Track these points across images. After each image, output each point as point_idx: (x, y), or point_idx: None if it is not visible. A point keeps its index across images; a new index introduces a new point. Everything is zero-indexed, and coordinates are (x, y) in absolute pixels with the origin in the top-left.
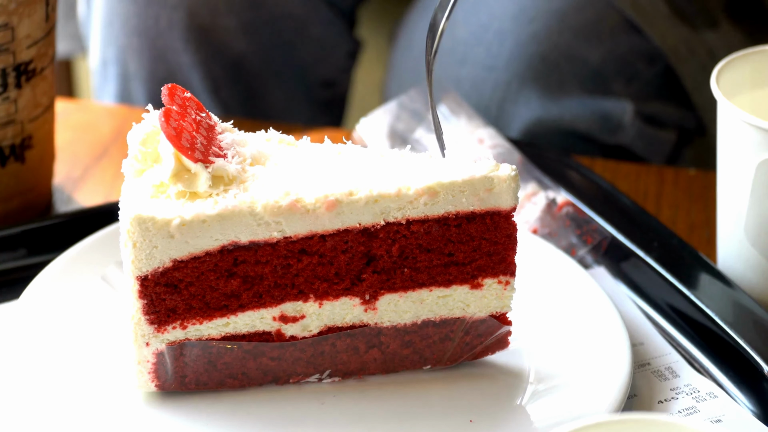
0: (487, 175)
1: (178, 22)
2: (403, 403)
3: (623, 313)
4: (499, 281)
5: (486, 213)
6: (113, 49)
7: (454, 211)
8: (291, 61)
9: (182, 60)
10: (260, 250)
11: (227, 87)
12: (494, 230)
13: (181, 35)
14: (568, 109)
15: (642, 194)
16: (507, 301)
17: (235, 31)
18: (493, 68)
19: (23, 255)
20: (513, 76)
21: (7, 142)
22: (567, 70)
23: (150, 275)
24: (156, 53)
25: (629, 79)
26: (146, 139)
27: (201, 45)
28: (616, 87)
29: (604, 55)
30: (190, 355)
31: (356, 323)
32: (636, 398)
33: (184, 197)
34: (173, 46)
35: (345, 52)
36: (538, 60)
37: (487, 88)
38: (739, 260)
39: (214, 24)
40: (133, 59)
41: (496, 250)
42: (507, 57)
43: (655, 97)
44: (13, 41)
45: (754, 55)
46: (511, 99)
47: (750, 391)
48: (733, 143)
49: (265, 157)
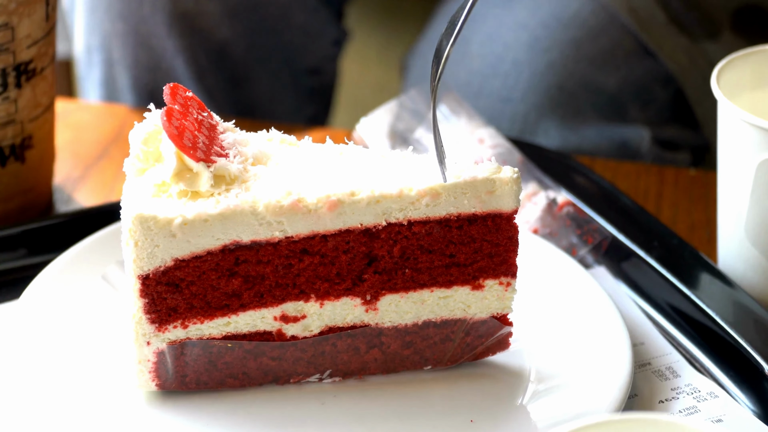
0: (488, 178)
1: (161, 7)
2: (403, 403)
3: (624, 312)
4: (500, 282)
5: (487, 215)
6: (97, 35)
7: (456, 213)
8: (276, 48)
9: (166, 46)
10: (262, 249)
11: (212, 73)
12: (496, 232)
13: (164, 21)
14: (587, 138)
15: (642, 194)
16: (508, 303)
17: (219, 16)
18: (510, 100)
19: (23, 255)
20: (531, 107)
21: (7, 142)
22: (584, 99)
23: (151, 274)
24: (140, 39)
25: (645, 103)
26: (148, 138)
27: (185, 31)
28: (632, 113)
29: (619, 81)
30: (190, 355)
31: (357, 323)
32: (637, 398)
33: (185, 196)
34: (157, 32)
35: (330, 40)
36: (555, 90)
37: (504, 120)
38: (740, 260)
39: (198, 10)
40: (117, 45)
41: (497, 251)
42: (524, 88)
43: (669, 120)
44: (13, 41)
45: (754, 55)
46: (530, 130)
47: (751, 391)
48: (733, 143)
49: (266, 156)
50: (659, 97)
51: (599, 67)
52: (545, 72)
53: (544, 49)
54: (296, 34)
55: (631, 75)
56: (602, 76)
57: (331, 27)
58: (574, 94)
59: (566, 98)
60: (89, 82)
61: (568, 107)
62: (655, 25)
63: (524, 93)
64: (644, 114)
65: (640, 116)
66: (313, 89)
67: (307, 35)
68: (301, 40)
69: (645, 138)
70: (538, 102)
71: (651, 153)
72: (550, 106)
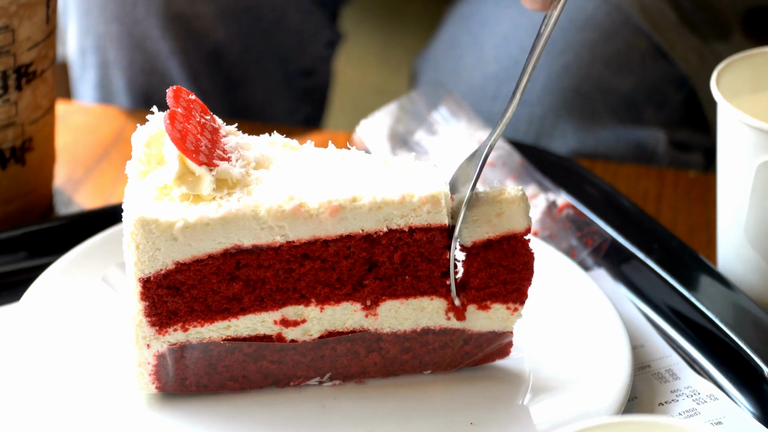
0: (495, 200)
1: (155, 9)
2: (403, 406)
3: (623, 315)
4: (507, 307)
5: (502, 238)
6: (91, 37)
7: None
8: (270, 50)
9: (160, 48)
10: (263, 254)
11: (206, 75)
12: (512, 256)
13: (158, 23)
14: (603, 141)
15: (642, 196)
16: (510, 324)
17: (213, 19)
18: (527, 102)
19: (24, 257)
20: (548, 110)
21: (8, 145)
22: (599, 101)
23: (152, 277)
24: (134, 41)
25: (659, 106)
26: (150, 141)
27: (179, 33)
28: (646, 115)
29: (634, 83)
30: (190, 358)
31: (357, 328)
32: (636, 400)
33: (187, 200)
34: (151, 34)
35: (324, 42)
36: (571, 92)
37: (521, 123)
38: (739, 262)
39: (192, 12)
40: (111, 47)
41: (512, 278)
42: (540, 91)
43: (683, 122)
44: (14, 43)
45: (755, 57)
46: (547, 133)
47: (750, 393)
48: (733, 145)
49: (269, 161)
50: (673, 100)
51: (614, 70)
52: (561, 74)
53: (560, 51)
54: (290, 36)
55: (646, 77)
56: (617, 78)
57: (325, 29)
58: (589, 97)
59: (582, 100)
60: (84, 84)
61: (584, 110)
62: (667, 25)
63: (540, 95)
64: (658, 116)
65: (654, 119)
66: (307, 90)
67: (301, 37)
68: (295, 41)
69: (661, 140)
70: (555, 104)
71: (667, 155)
72: (567, 108)
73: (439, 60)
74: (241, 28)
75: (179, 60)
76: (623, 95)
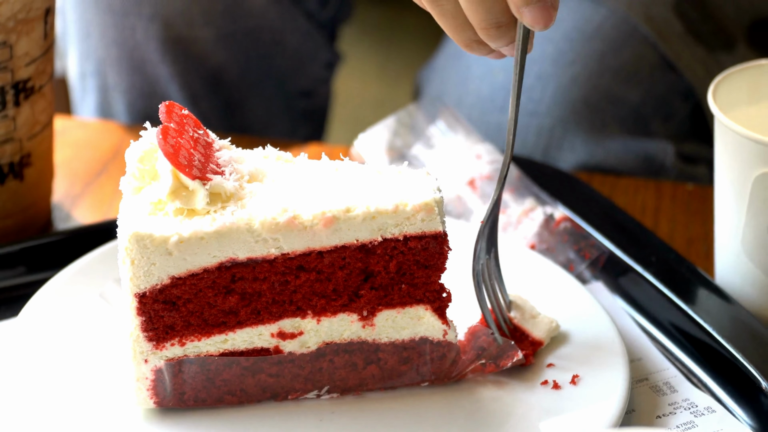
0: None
1: (154, 33)
2: (401, 419)
3: (621, 328)
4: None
5: None
6: (92, 61)
7: None
8: (269, 72)
9: (160, 72)
10: (258, 266)
11: (206, 98)
12: None
13: (157, 47)
14: (612, 153)
15: (640, 209)
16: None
17: (212, 42)
18: (536, 114)
19: (22, 272)
20: (557, 121)
21: (6, 160)
22: (608, 112)
23: (148, 292)
24: (134, 65)
25: (666, 118)
26: (144, 156)
27: (178, 57)
28: (654, 127)
29: (642, 95)
30: (188, 372)
31: (354, 339)
32: (634, 413)
33: (182, 214)
34: (150, 58)
35: (323, 63)
36: (580, 103)
37: (530, 134)
38: (737, 275)
39: (191, 36)
40: (111, 71)
41: None
42: (549, 102)
43: (690, 135)
44: (12, 59)
45: (752, 69)
46: (556, 145)
47: (748, 406)
48: (730, 157)
49: (262, 173)
50: (679, 112)
51: (622, 81)
52: (570, 85)
53: (569, 62)
54: (289, 58)
55: (653, 89)
56: (626, 89)
57: (324, 50)
58: (598, 108)
59: (591, 112)
60: (84, 107)
61: (593, 121)
62: (673, 35)
63: (549, 107)
64: (665, 128)
65: (662, 131)
66: (306, 112)
67: (300, 59)
68: (294, 63)
69: (669, 152)
70: (564, 116)
71: (675, 168)
72: (576, 119)
73: (446, 71)
74: (240, 51)
75: (179, 83)
76: (632, 107)
